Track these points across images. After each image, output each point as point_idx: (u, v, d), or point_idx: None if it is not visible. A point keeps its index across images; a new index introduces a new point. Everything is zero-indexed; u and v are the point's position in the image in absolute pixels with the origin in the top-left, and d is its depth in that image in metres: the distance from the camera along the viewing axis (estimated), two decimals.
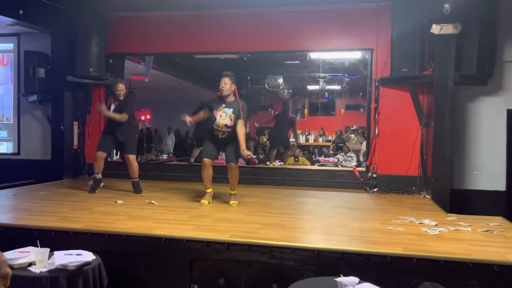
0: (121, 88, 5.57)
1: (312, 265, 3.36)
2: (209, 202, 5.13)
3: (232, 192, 5.16)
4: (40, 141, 7.62)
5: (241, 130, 4.91)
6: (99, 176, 5.78)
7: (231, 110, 4.92)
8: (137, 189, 5.80)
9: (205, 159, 5.06)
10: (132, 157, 5.77)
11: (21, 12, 6.23)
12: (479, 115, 6.07)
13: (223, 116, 4.93)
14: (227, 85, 4.92)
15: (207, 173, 5.10)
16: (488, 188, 6.00)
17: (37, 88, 7.23)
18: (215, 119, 4.95)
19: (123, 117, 5.52)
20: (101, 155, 5.72)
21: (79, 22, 6.81)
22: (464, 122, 6.09)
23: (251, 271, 3.47)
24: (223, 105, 4.94)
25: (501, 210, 5.53)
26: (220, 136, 5.02)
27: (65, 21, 6.85)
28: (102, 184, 5.86)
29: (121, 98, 5.59)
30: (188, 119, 5.07)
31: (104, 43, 6.99)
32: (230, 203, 5.09)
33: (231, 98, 4.96)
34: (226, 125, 4.94)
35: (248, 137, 10.33)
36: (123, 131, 5.63)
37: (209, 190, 5.19)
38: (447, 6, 5.07)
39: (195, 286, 3.55)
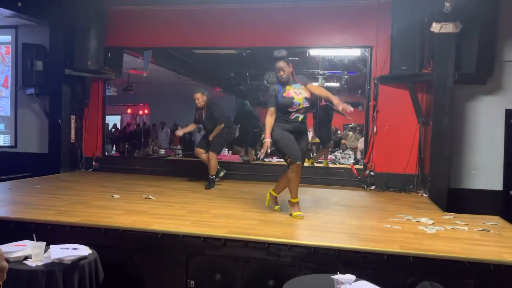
0: (195, 97, 5.91)
1: (308, 262, 3.36)
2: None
3: (275, 194, 4.59)
4: (37, 134, 7.60)
5: (323, 91, 4.46)
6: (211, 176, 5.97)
7: (299, 84, 4.35)
8: (208, 184, 5.93)
9: (299, 163, 4.29)
10: (211, 154, 5.96)
11: (19, 4, 6.20)
12: (477, 114, 6.07)
13: (298, 91, 4.31)
14: (285, 70, 4.33)
15: (300, 177, 4.39)
16: (485, 188, 6.02)
17: (35, 81, 7.20)
18: (292, 99, 4.28)
19: (219, 128, 5.92)
20: (198, 151, 6.10)
21: (77, 15, 6.79)
22: (463, 121, 6.09)
23: (247, 267, 3.46)
24: (289, 85, 4.35)
25: (498, 210, 5.55)
26: (300, 118, 4.33)
27: (63, 14, 6.83)
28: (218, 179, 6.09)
29: (200, 105, 5.93)
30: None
31: (103, 36, 6.96)
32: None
33: (294, 77, 4.41)
34: (306, 98, 4.32)
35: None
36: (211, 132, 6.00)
37: (297, 199, 4.39)
38: (448, 4, 5.06)
39: (191, 282, 3.54)
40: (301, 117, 4.36)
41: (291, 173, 4.31)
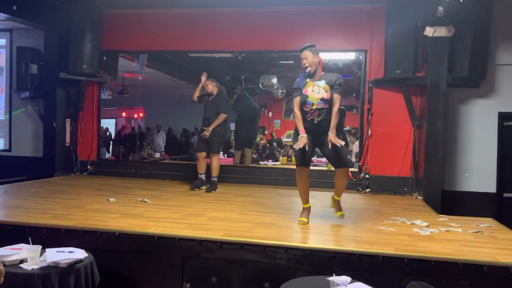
0: (207, 83, 6.06)
1: (304, 264, 3.37)
2: (308, 221, 4.24)
3: (337, 198, 4.35)
4: (32, 137, 7.57)
5: (335, 107, 3.98)
6: (201, 176, 5.99)
7: (324, 81, 4.04)
8: (210, 187, 5.94)
9: (302, 167, 4.18)
10: (212, 156, 5.98)
11: (14, 7, 6.19)
12: (471, 117, 6.13)
13: (316, 90, 4.01)
14: (308, 59, 4.07)
15: (306, 182, 4.27)
16: (479, 190, 6.06)
17: (30, 84, 7.18)
18: (307, 97, 4.01)
19: (222, 117, 5.91)
20: (200, 155, 6.02)
21: (72, 19, 6.77)
22: (456, 124, 6.15)
23: (243, 270, 3.47)
24: (311, 80, 4.07)
25: (492, 212, 5.61)
26: (316, 121, 4.04)
27: (58, 17, 6.81)
28: (204, 187, 6.01)
29: (209, 91, 6.05)
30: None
31: (98, 40, 6.95)
32: (337, 214, 4.33)
33: (320, 72, 4.10)
34: (322, 99, 4.00)
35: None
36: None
37: (308, 206, 4.32)
38: (441, 9, 5.12)
39: (187, 285, 3.55)
40: (316, 119, 4.05)
41: (296, 175, 4.29)
